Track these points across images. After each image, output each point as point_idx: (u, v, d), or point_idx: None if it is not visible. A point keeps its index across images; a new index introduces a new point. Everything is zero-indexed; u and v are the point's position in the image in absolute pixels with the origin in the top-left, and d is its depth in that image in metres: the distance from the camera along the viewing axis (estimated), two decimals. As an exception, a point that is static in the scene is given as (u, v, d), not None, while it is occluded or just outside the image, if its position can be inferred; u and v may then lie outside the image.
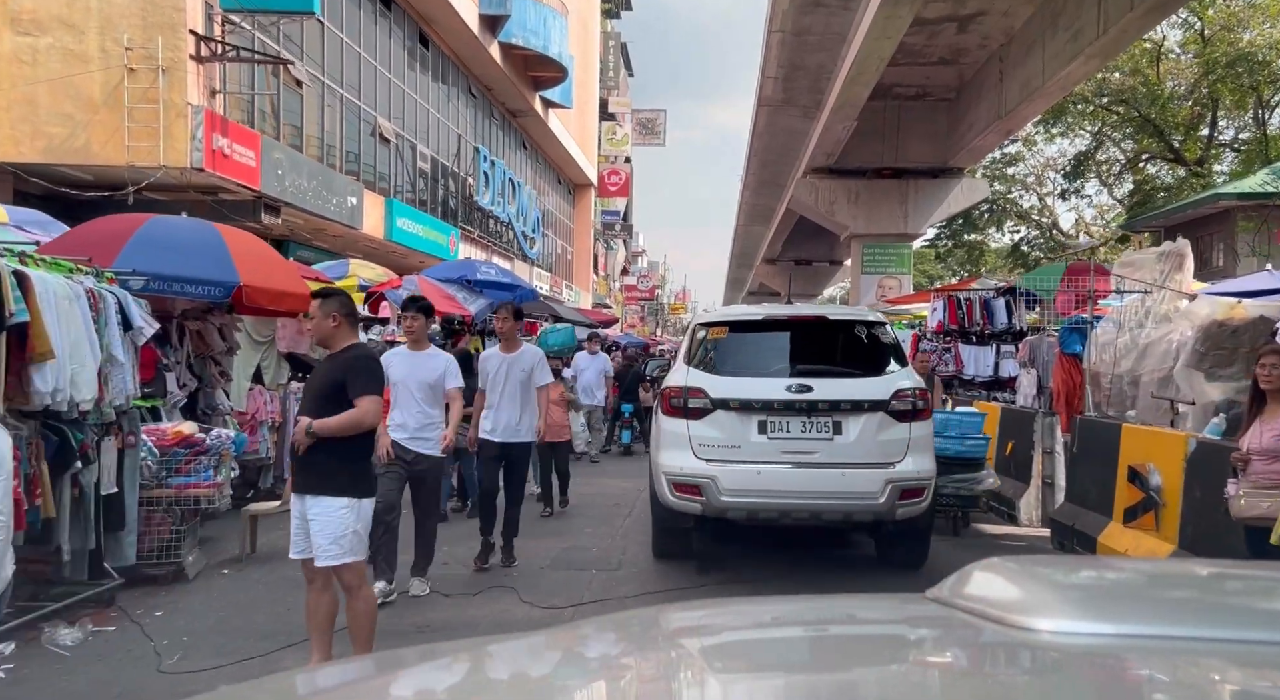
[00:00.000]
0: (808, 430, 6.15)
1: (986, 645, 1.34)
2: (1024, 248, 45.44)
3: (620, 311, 62.50)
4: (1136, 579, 1.71)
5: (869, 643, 1.52)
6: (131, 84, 12.56)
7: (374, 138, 21.60)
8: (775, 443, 6.17)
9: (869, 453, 6.11)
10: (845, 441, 6.12)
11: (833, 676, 1.30)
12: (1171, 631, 1.27)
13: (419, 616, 5.61)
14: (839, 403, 6.15)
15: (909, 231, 28.30)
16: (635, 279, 72.04)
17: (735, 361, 6.60)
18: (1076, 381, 8.96)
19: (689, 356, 6.76)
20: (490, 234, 30.26)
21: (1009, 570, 1.61)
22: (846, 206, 28.07)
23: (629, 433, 15.33)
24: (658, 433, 6.79)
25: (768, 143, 32.30)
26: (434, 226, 23.17)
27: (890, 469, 6.07)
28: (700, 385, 6.34)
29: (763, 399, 6.18)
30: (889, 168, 27.27)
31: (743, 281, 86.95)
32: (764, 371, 6.47)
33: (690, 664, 1.42)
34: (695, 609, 1.92)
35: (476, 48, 26.01)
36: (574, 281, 45.66)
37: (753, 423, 6.20)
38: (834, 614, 1.70)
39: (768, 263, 56.61)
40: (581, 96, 43.43)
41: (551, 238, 42.63)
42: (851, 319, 7.05)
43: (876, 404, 6.14)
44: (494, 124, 31.65)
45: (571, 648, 1.54)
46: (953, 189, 27.46)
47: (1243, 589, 1.66)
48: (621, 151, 51.92)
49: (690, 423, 6.27)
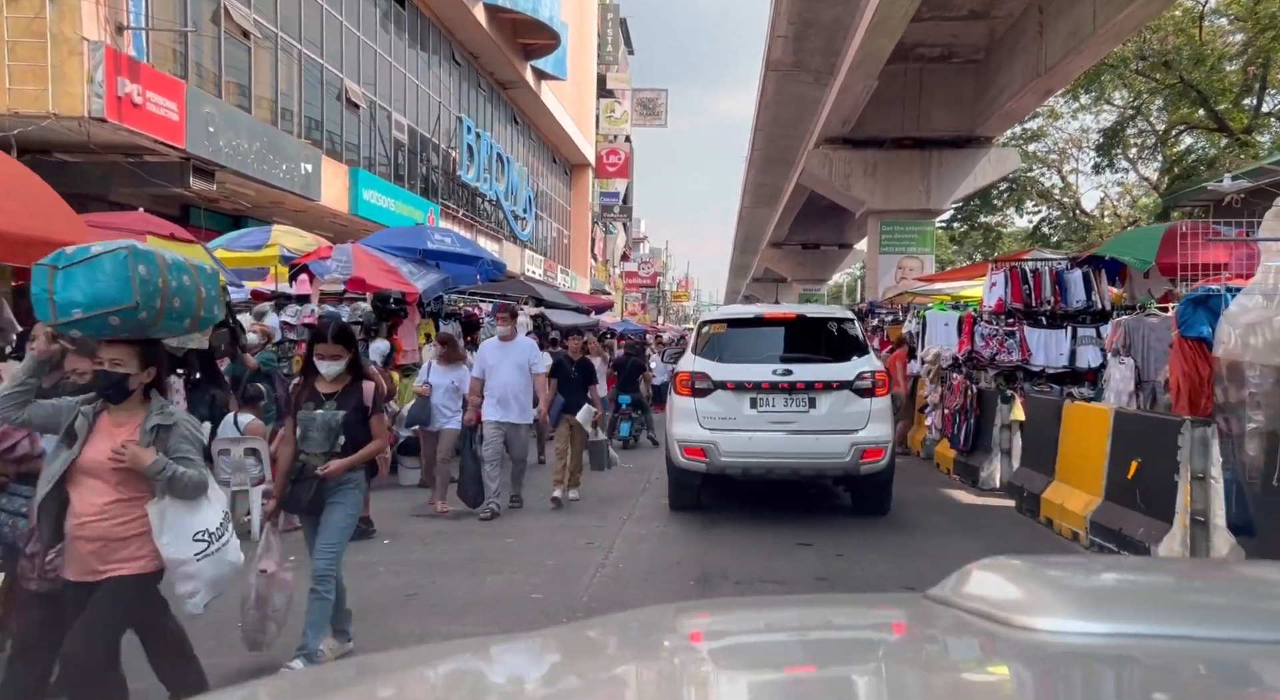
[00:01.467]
0: (789, 404, 7.67)
1: (986, 645, 1.34)
2: (1044, 230, 43.17)
3: (620, 298, 60.36)
4: (1136, 579, 1.73)
5: (868, 643, 1.54)
6: (12, 12, 10.32)
7: (340, 102, 19.36)
8: (764, 415, 7.69)
9: (837, 422, 7.59)
10: (819, 413, 7.65)
11: (833, 677, 1.31)
12: (1171, 631, 1.27)
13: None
14: (813, 382, 7.64)
15: (931, 207, 25.91)
16: (636, 265, 69.88)
17: (732, 351, 8.13)
18: (1204, 375, 6.73)
19: (695, 347, 8.35)
20: (477, 213, 28.03)
21: (1009, 570, 1.60)
22: (863, 180, 25.69)
23: (628, 425, 14.16)
24: (671, 408, 8.33)
25: (775, 114, 29.92)
26: (409, 201, 20.95)
27: (854, 434, 7.55)
28: (704, 370, 7.87)
29: (754, 380, 7.70)
30: (909, 137, 24.89)
31: (747, 268, 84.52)
32: (755, 358, 7.94)
33: (691, 665, 1.43)
34: (696, 610, 1.98)
35: (460, 9, 23.73)
36: (571, 266, 43.45)
37: (746, 399, 7.72)
38: (834, 614, 1.72)
39: (774, 247, 54.24)
40: (577, 70, 41.15)
41: (546, 220, 40.45)
42: (824, 316, 8.77)
43: (843, 383, 7.64)
44: (481, 95, 29.39)
45: (573, 649, 1.55)
46: (980, 160, 25.06)
47: (1243, 589, 1.67)
48: (621, 130, 49.57)
49: (697, 400, 7.81)
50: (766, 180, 42.74)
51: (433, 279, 9.14)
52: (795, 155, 34.95)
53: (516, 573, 6.20)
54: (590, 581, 6.05)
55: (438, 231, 9.67)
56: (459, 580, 6.02)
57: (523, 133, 35.46)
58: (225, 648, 4.34)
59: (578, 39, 40.02)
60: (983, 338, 9.24)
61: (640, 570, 6.39)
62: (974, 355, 9.42)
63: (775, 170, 39.35)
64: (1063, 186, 42.94)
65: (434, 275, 9.21)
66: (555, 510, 8.39)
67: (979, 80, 23.80)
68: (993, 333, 9.26)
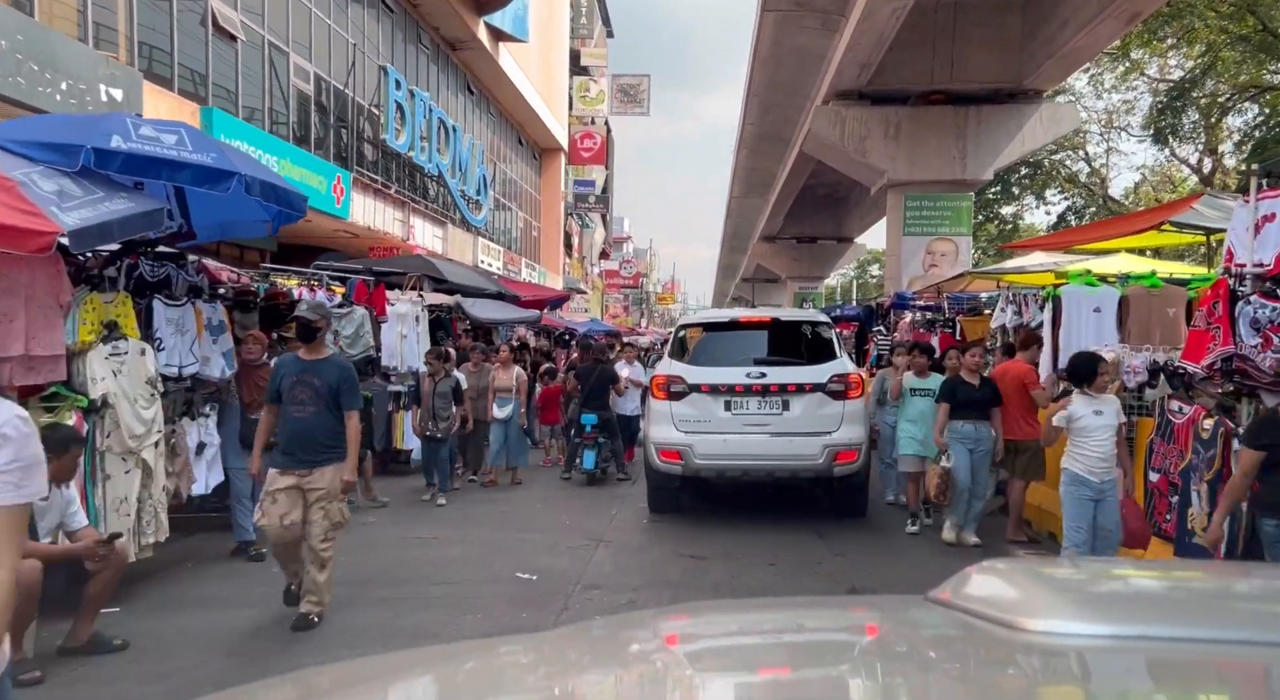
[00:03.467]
0: (763, 407, 7.83)
1: (986, 647, 1.34)
2: (1070, 219, 38.48)
3: (599, 299, 55.50)
4: (1136, 580, 1.73)
5: (870, 645, 1.53)
6: None
7: (205, 28, 14.49)
8: (738, 417, 7.86)
9: (810, 424, 7.76)
10: (792, 416, 7.80)
11: (833, 678, 1.32)
12: (1171, 631, 1.28)
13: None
14: (786, 385, 7.80)
15: (967, 177, 21.03)
16: (617, 264, 65.09)
17: (707, 354, 8.36)
18: None
19: (672, 351, 8.77)
20: (415, 189, 23.14)
21: (1008, 572, 1.62)
22: (882, 144, 20.84)
23: (593, 454, 10.75)
24: (649, 412, 8.50)
25: (773, 76, 25.03)
26: (305, 162, 16.02)
27: (828, 437, 7.73)
28: (680, 374, 8.08)
29: (728, 383, 7.87)
30: (941, 91, 20.09)
31: (735, 268, 79.46)
32: (729, 362, 8.08)
33: (688, 667, 1.42)
34: (692, 612, 1.98)
35: (380, -70, 18.96)
36: (540, 261, 38.54)
37: (721, 402, 7.88)
38: (833, 616, 1.76)
39: (766, 240, 49.43)
40: (544, 37, 36.33)
41: (512, 209, 35.58)
42: (798, 320, 8.94)
43: (816, 386, 7.80)
44: (423, 54, 24.54)
45: (567, 650, 1.55)
46: (1028, 118, 20.25)
47: (1243, 589, 1.66)
48: (596, 112, 44.70)
49: (673, 403, 7.97)
50: (759, 164, 37.91)
51: (112, 211, 4.30)
52: (794, 130, 30.15)
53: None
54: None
55: (140, 122, 4.78)
56: None
57: (480, 106, 30.60)
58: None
59: (546, 2, 35.26)
60: (1256, 326, 4.37)
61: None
62: (1237, 364, 4.57)
63: (770, 150, 34.53)
64: (1090, 170, 38.36)
65: (117, 204, 4.36)
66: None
67: (1029, 17, 19.01)
68: (1275, 315, 4.39)
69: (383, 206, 20.42)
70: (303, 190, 16.13)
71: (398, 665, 1.54)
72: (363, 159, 20.49)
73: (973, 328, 9.60)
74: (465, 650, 1.60)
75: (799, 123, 27.53)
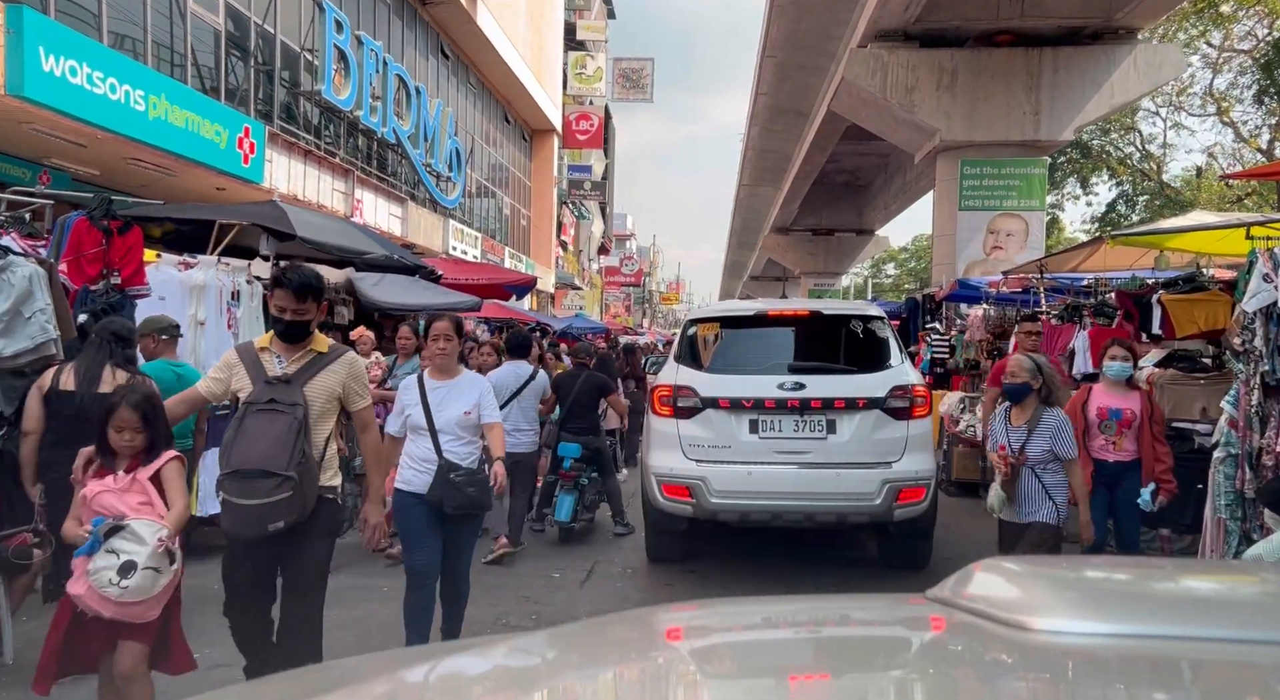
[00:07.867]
0: (800, 429, 6.11)
1: (987, 645, 1.34)
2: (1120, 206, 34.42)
3: (598, 297, 51.61)
4: (1136, 579, 1.71)
5: (869, 643, 1.53)
6: None
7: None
8: (767, 442, 6.13)
9: (864, 452, 6.07)
10: (839, 441, 6.09)
11: (833, 677, 1.31)
12: (1171, 631, 1.27)
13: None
14: (832, 400, 6.08)
15: (1041, 137, 16.98)
16: (618, 260, 61.22)
17: (726, 358, 6.56)
18: None
19: (679, 354, 6.74)
20: (363, 157, 19.29)
21: (1009, 570, 1.61)
22: (934, 97, 16.87)
23: (571, 499, 7.74)
24: (648, 433, 6.73)
25: (794, 27, 21.07)
26: (190, 104, 12.11)
27: (887, 469, 6.01)
28: (689, 383, 6.31)
29: (754, 397, 6.13)
30: (1008, 29, 16.14)
31: (743, 265, 75.32)
32: (756, 368, 6.36)
33: (688, 665, 1.41)
34: (692, 610, 1.93)
35: None
36: (530, 253, 34.66)
37: (744, 422, 6.16)
38: (833, 614, 1.72)
39: (778, 232, 45.43)
40: (535, 4, 32.52)
41: (498, 195, 31.74)
42: (847, 313, 6.84)
43: (872, 401, 6.09)
44: (383, 6, 20.71)
45: (567, 649, 1.54)
46: (1119, 63, 16.27)
47: (1243, 589, 1.64)
48: (593, 91, 40.82)
49: (680, 422, 6.27)
50: (772, 144, 33.96)
51: None
52: (814, 99, 26.24)
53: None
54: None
55: None
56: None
57: (459, 76, 26.76)
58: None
59: (533, -38, 31.48)
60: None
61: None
62: None
63: (785, 126, 30.59)
64: (1142, 155, 34.31)
65: None
66: None
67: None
68: None
69: (316, 172, 16.54)
70: (192, 142, 12.24)
71: (397, 664, 1.53)
72: (292, 116, 16.63)
73: (1187, 312, 5.77)
74: (466, 648, 1.61)
75: (822, 86, 23.59)
